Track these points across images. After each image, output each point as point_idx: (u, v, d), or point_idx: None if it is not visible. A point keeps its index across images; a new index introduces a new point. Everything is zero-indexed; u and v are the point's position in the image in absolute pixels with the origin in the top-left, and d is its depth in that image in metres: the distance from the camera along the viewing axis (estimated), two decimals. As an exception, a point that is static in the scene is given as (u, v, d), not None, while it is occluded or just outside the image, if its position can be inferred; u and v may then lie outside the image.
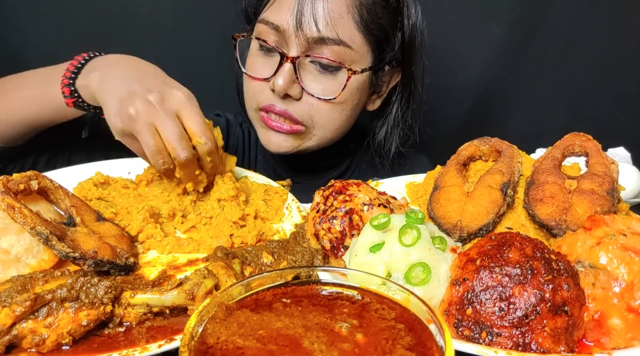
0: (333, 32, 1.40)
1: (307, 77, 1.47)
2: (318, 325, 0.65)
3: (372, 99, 1.67)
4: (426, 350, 0.61)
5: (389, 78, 1.65)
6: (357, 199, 1.08)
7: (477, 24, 2.28)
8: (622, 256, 0.84)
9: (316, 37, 1.40)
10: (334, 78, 1.47)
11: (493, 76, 2.38)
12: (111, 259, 0.99)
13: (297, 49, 1.42)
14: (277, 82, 1.43)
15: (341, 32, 1.41)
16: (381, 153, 1.75)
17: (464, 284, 0.84)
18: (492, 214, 1.08)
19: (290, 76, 1.43)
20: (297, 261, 1.04)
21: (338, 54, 1.43)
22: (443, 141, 1.85)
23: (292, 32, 1.40)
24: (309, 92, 1.47)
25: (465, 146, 1.35)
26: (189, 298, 0.88)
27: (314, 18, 1.39)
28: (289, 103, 1.48)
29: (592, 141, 1.23)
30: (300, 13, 1.39)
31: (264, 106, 1.50)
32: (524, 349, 0.78)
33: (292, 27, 1.40)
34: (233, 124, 1.85)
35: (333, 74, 1.47)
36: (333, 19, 1.40)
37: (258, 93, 1.52)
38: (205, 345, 0.62)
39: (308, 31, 1.39)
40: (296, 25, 1.39)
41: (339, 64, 1.44)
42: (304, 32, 1.39)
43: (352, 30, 1.43)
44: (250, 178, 1.44)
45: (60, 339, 0.81)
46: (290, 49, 1.43)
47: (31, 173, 1.08)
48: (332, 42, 1.41)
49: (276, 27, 1.42)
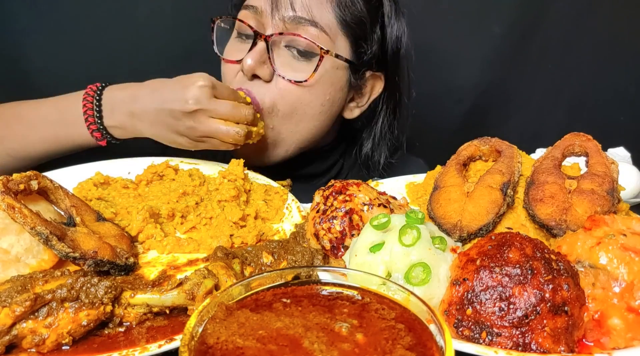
0: (308, 13, 1.41)
1: (280, 59, 1.45)
2: (318, 325, 0.65)
3: (350, 106, 1.64)
4: (426, 350, 0.61)
5: (370, 87, 1.63)
6: (357, 199, 1.08)
7: (477, 24, 2.29)
8: (622, 256, 0.84)
9: (291, 16, 1.41)
10: (307, 64, 1.45)
11: (493, 76, 2.38)
12: (111, 259, 0.99)
13: (272, 29, 1.43)
14: (246, 62, 1.42)
15: (317, 15, 1.42)
16: (369, 165, 1.73)
17: (464, 284, 0.84)
18: (492, 214, 1.08)
19: (260, 55, 1.42)
20: (297, 261, 1.04)
21: (312, 36, 1.42)
22: (443, 141, 1.85)
23: (269, 12, 1.42)
24: (279, 74, 1.44)
25: (465, 146, 1.35)
26: (189, 298, 0.88)
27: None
28: (254, 85, 1.45)
29: (592, 141, 1.23)
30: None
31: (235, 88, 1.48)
32: (524, 349, 0.78)
33: (269, 7, 1.42)
34: None
35: (307, 60, 1.45)
36: (310, 1, 1.42)
37: (230, 77, 1.51)
38: (205, 345, 0.61)
39: (284, 10, 1.41)
40: (272, 5, 1.41)
41: (312, 43, 1.42)
42: (280, 12, 1.41)
43: (329, 17, 1.44)
44: (250, 177, 1.44)
45: (60, 339, 0.81)
46: (266, 30, 1.44)
47: (31, 173, 1.08)
48: (307, 22, 1.41)
49: (255, 9, 1.44)
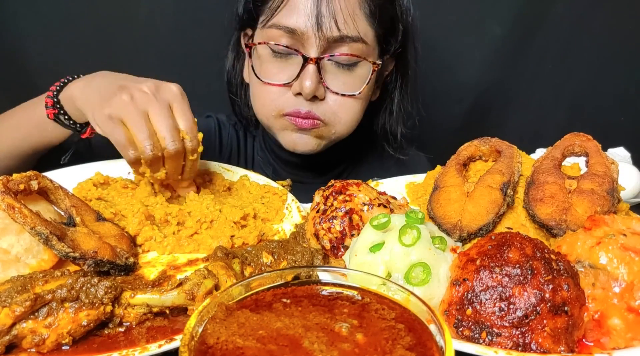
0: (353, 29, 1.43)
1: (328, 76, 1.49)
2: (318, 325, 0.65)
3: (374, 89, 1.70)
4: (426, 350, 0.61)
5: (386, 65, 1.67)
6: (357, 199, 1.08)
7: (477, 24, 2.28)
8: (622, 256, 0.84)
9: (336, 36, 1.42)
10: (352, 73, 1.50)
11: (493, 76, 2.38)
12: (111, 259, 0.99)
13: (317, 50, 1.43)
14: (305, 85, 1.43)
15: (358, 29, 1.44)
16: (387, 138, 1.78)
17: (464, 284, 0.84)
18: (492, 214, 1.08)
19: (316, 77, 1.44)
20: (297, 261, 1.04)
21: (357, 50, 1.46)
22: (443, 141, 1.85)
23: (312, 33, 1.41)
24: (333, 90, 1.49)
25: (465, 146, 1.35)
26: (189, 298, 0.88)
27: (333, 18, 1.40)
28: (313, 104, 1.49)
29: (592, 141, 1.23)
30: (319, 14, 1.40)
31: (289, 111, 1.50)
32: (524, 349, 0.78)
33: (310, 28, 1.41)
34: (226, 125, 1.85)
35: (351, 70, 1.50)
36: (350, 17, 1.42)
37: (277, 99, 1.51)
38: (205, 345, 0.61)
39: (328, 31, 1.41)
40: (315, 27, 1.40)
41: (363, 59, 1.48)
42: (324, 33, 1.41)
43: (366, 26, 1.47)
44: (250, 178, 1.44)
45: (60, 339, 0.81)
46: (309, 51, 1.44)
47: (31, 173, 1.08)
48: (350, 39, 1.44)
49: (292, 30, 1.42)
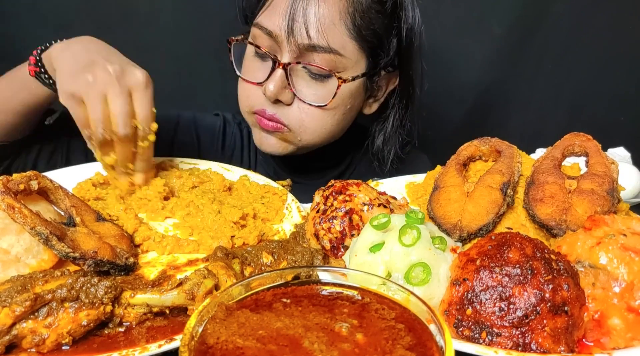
0: (324, 40, 1.39)
1: (299, 82, 1.46)
2: (318, 325, 0.65)
3: (368, 103, 1.66)
4: (426, 350, 0.61)
5: (386, 82, 1.64)
6: (357, 199, 1.08)
7: (477, 24, 2.29)
8: (622, 256, 0.84)
9: (307, 44, 1.39)
10: (324, 85, 1.46)
11: (493, 76, 2.38)
12: (111, 259, 0.99)
13: (289, 55, 1.42)
14: (269, 88, 1.43)
15: (332, 39, 1.40)
16: (379, 158, 1.75)
17: (464, 284, 0.84)
18: (492, 214, 1.08)
19: (281, 82, 1.43)
20: (297, 261, 1.04)
21: (328, 62, 1.42)
22: (443, 141, 1.85)
23: (284, 38, 1.40)
24: (300, 98, 1.46)
25: (465, 146, 1.35)
26: (189, 298, 0.88)
27: (305, 25, 1.38)
28: (279, 108, 1.49)
29: (592, 141, 1.23)
30: (292, 19, 1.38)
31: (257, 109, 1.52)
32: (524, 349, 0.78)
33: (284, 33, 1.39)
34: (231, 123, 1.85)
35: (323, 81, 1.46)
36: (324, 26, 1.39)
37: (251, 96, 1.53)
38: (205, 345, 0.61)
39: (299, 38, 1.39)
40: (288, 32, 1.39)
41: (328, 72, 1.43)
42: (295, 39, 1.39)
43: (344, 38, 1.42)
44: (250, 177, 1.44)
45: (60, 339, 0.81)
46: (282, 55, 1.43)
47: (31, 173, 1.08)
48: (322, 50, 1.40)
49: (269, 32, 1.42)
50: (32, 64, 1.36)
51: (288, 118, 1.49)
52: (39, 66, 1.35)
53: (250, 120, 1.60)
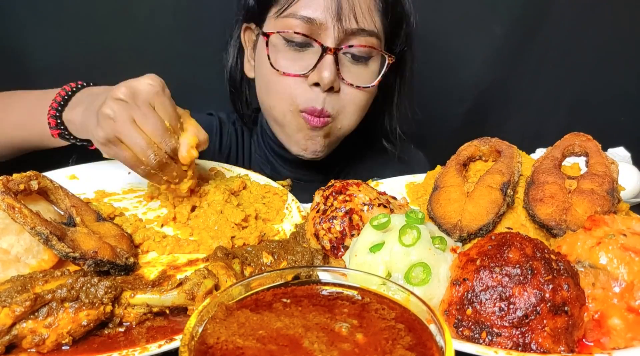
0: (370, 23, 1.46)
1: (343, 68, 1.49)
2: (318, 325, 0.65)
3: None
4: (426, 350, 0.61)
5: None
6: (357, 199, 1.08)
7: (477, 24, 2.28)
8: (622, 256, 0.84)
9: (354, 28, 1.43)
10: (367, 67, 1.52)
11: (493, 76, 2.38)
12: (111, 259, 0.99)
13: (334, 41, 1.44)
14: (324, 76, 1.42)
15: (373, 22, 1.47)
16: (390, 138, 1.80)
17: (464, 284, 0.84)
18: (492, 214, 1.08)
19: (334, 68, 1.44)
20: (297, 261, 1.04)
21: (371, 44, 1.48)
22: (443, 141, 1.85)
23: (330, 24, 1.42)
24: (348, 82, 1.49)
25: (465, 146, 1.35)
26: (189, 298, 0.88)
27: (352, 10, 1.42)
28: (328, 96, 1.48)
29: (592, 141, 1.23)
30: (339, 6, 1.41)
31: (305, 108, 1.47)
32: (524, 349, 0.78)
33: (330, 19, 1.42)
34: (226, 123, 1.84)
35: (365, 64, 1.51)
36: (368, 10, 1.45)
37: (294, 92, 1.48)
38: (205, 345, 0.61)
39: (346, 23, 1.42)
40: (335, 18, 1.42)
41: (378, 52, 1.50)
42: (342, 25, 1.42)
43: (379, 21, 1.49)
44: (250, 177, 1.44)
45: (60, 339, 0.81)
46: (326, 41, 1.44)
47: (31, 173, 1.08)
48: (366, 33, 1.45)
49: (310, 20, 1.42)
50: (54, 126, 1.32)
51: (333, 106, 1.50)
52: (60, 128, 1.32)
53: (295, 122, 1.52)
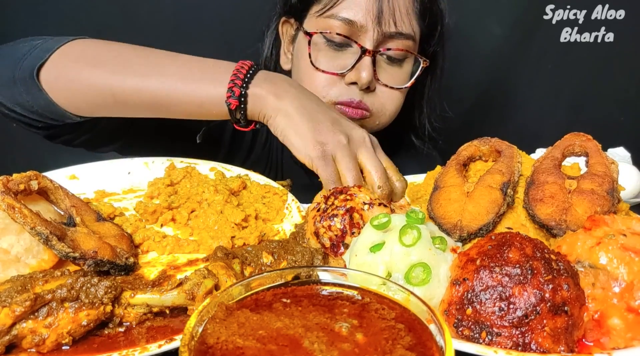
0: (408, 27, 1.52)
1: (379, 69, 1.57)
2: (318, 325, 0.65)
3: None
4: (426, 350, 0.61)
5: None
6: (358, 198, 1.08)
7: (477, 24, 2.29)
8: (622, 256, 0.84)
9: (393, 32, 1.50)
10: (401, 68, 1.60)
11: (493, 76, 2.38)
12: (111, 259, 0.99)
13: (373, 43, 1.50)
14: (362, 76, 1.51)
15: (412, 25, 1.54)
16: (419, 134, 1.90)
17: (464, 284, 0.84)
18: (492, 214, 1.07)
19: (372, 69, 1.52)
20: (297, 261, 1.04)
21: (407, 47, 1.56)
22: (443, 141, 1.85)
23: (370, 27, 1.48)
24: (383, 83, 1.57)
25: (465, 146, 1.35)
26: (189, 298, 0.88)
27: (392, 15, 1.48)
28: (364, 94, 1.56)
29: (592, 141, 1.23)
30: (379, 10, 1.47)
31: (342, 100, 1.55)
32: (523, 349, 0.78)
33: (370, 22, 1.48)
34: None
35: (399, 65, 1.59)
36: (407, 14, 1.51)
37: (328, 87, 1.56)
38: (205, 345, 0.61)
39: (386, 27, 1.49)
40: (376, 21, 1.47)
41: (412, 55, 1.59)
42: (382, 28, 1.48)
43: (416, 24, 1.56)
44: (250, 177, 1.44)
45: (60, 339, 0.81)
46: (365, 43, 1.51)
47: (31, 173, 1.08)
48: (403, 36, 1.52)
49: (351, 22, 1.49)
50: (237, 96, 1.20)
51: (372, 103, 1.58)
52: (240, 101, 1.22)
53: None
